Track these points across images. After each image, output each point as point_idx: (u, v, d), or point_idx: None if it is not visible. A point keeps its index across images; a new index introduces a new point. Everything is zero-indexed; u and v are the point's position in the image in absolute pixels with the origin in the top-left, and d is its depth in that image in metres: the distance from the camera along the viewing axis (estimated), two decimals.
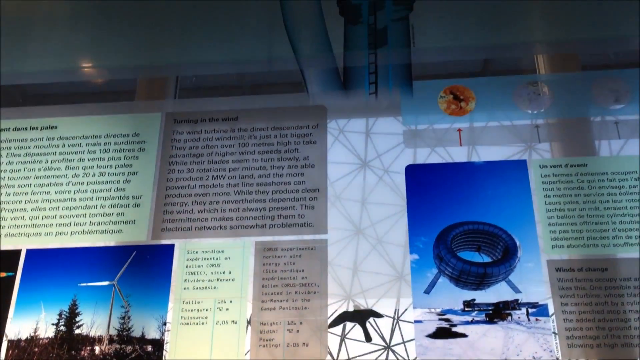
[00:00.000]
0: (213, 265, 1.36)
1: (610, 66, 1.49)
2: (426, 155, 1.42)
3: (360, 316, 1.28)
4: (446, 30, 1.52)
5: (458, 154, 1.41)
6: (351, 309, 1.29)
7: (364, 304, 1.29)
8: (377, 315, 1.27)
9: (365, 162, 1.45)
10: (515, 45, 1.52)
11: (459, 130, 1.43)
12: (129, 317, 1.33)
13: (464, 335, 1.25)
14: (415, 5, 1.51)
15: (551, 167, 1.37)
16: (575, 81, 1.45)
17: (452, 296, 1.28)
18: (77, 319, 1.34)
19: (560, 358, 1.20)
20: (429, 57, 1.51)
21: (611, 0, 1.50)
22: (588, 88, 1.43)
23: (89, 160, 1.48)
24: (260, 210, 1.40)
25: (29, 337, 1.33)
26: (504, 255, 1.30)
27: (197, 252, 1.37)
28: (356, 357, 1.25)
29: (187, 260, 1.37)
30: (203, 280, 1.34)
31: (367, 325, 1.27)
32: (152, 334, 1.31)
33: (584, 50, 1.50)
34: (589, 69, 1.50)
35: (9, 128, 1.54)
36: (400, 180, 1.40)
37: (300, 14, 1.48)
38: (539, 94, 1.44)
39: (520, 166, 1.38)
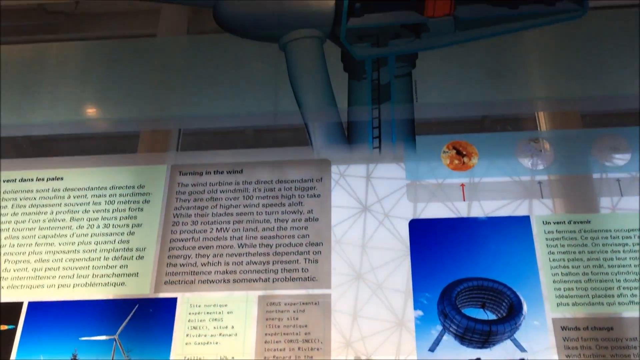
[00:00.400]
0: (215, 319, 1.35)
1: (611, 120, 1.52)
2: (429, 209, 1.43)
3: None
4: (448, 86, 1.55)
5: (461, 209, 1.42)
6: (351, 356, 1.28)
7: (363, 350, 1.28)
8: None
9: (366, 207, 1.45)
10: (517, 102, 1.54)
11: (462, 185, 1.44)
12: None
13: None
14: (418, 62, 1.54)
15: (554, 223, 1.37)
16: (576, 138, 1.47)
17: (457, 354, 1.27)
18: None
19: None
20: (431, 112, 1.53)
21: (612, 59, 1.53)
22: (589, 145, 1.45)
23: (94, 212, 1.49)
24: (264, 264, 1.40)
25: None
26: (509, 313, 1.29)
27: (199, 306, 1.36)
28: None
29: (190, 314, 1.36)
30: (205, 335, 1.33)
31: None
32: None
33: (585, 107, 1.53)
34: (589, 123, 1.52)
35: (15, 179, 1.55)
36: (401, 225, 1.40)
37: (305, 69, 1.51)
38: (540, 150, 1.46)
39: (523, 222, 1.39)
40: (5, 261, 1.44)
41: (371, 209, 1.45)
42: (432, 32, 1.49)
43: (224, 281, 1.39)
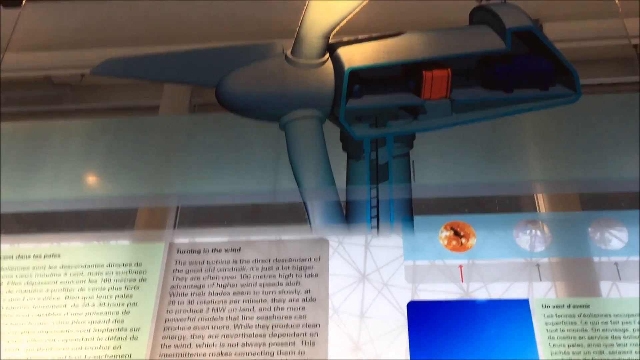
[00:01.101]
0: None
1: (610, 203, 1.53)
2: (428, 290, 1.42)
3: None
4: (446, 167, 1.57)
5: (460, 291, 1.41)
6: None
7: None
8: None
9: (364, 275, 1.45)
10: (514, 184, 1.56)
11: (460, 266, 1.44)
12: None
13: None
14: (415, 143, 1.57)
15: (554, 307, 1.36)
16: (574, 221, 1.48)
17: None
18: None
19: None
20: (429, 193, 1.55)
21: (611, 142, 1.56)
22: (587, 228, 1.45)
23: (89, 290, 1.48)
24: (260, 346, 1.38)
25: None
26: None
27: None
28: None
29: None
30: None
31: None
32: None
33: (584, 190, 1.55)
34: (589, 205, 1.53)
35: (12, 256, 1.55)
36: (400, 294, 1.39)
37: (305, 149, 1.53)
38: (538, 232, 1.47)
39: (522, 305, 1.37)
40: None
41: (370, 277, 1.44)
42: (429, 114, 1.53)
43: None
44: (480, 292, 1.41)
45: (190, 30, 2.33)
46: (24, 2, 1.98)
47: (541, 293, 1.39)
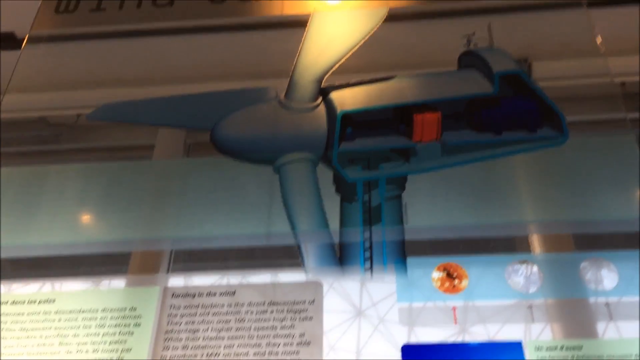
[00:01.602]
0: None
1: (603, 243, 1.55)
2: (422, 332, 1.42)
3: None
4: (438, 209, 1.59)
5: (453, 333, 1.42)
6: None
7: None
8: None
9: (360, 311, 1.45)
10: (506, 225, 1.58)
11: (454, 308, 1.45)
12: None
13: None
14: (408, 185, 1.59)
15: (547, 349, 1.37)
16: (566, 261, 1.49)
17: None
18: None
19: None
20: (421, 234, 1.56)
21: (607, 184, 1.59)
22: (578, 268, 1.47)
23: (83, 336, 1.47)
24: None
25: None
26: None
27: None
28: None
29: None
30: None
31: None
32: None
33: (577, 231, 1.57)
34: (582, 246, 1.55)
35: (7, 302, 1.55)
36: (396, 330, 1.39)
37: (298, 191, 1.55)
38: (530, 273, 1.48)
39: (516, 348, 1.38)
40: None
41: (365, 313, 1.45)
42: (420, 157, 1.55)
43: None
44: (474, 333, 1.41)
45: (187, 70, 2.36)
46: (23, 44, 2.02)
47: (534, 335, 1.40)
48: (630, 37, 2.36)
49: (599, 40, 1.89)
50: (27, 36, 1.99)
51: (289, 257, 1.55)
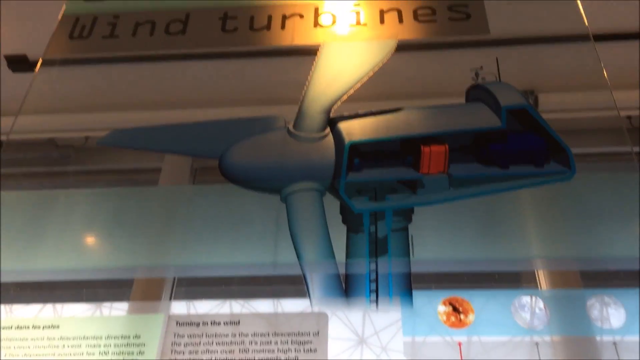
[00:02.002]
0: None
1: (612, 280, 1.54)
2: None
3: None
4: (444, 242, 1.59)
5: None
6: None
7: None
8: None
9: (363, 339, 1.44)
10: (513, 259, 1.58)
11: (459, 343, 1.44)
12: None
13: None
14: (414, 217, 1.59)
15: None
16: (573, 298, 1.49)
17: None
18: None
19: None
20: (428, 267, 1.56)
21: (611, 222, 1.59)
22: (585, 305, 1.46)
23: None
24: None
25: None
26: None
27: None
28: None
29: None
30: None
31: None
32: None
33: (584, 267, 1.56)
34: (589, 283, 1.54)
35: (11, 326, 1.54)
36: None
37: (305, 221, 1.55)
38: (537, 309, 1.47)
39: None
40: None
41: (368, 341, 1.44)
42: (427, 189, 1.56)
43: None
44: None
45: (195, 95, 2.39)
46: (37, 68, 2.04)
47: None
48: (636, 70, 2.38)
49: (604, 73, 1.90)
50: (40, 60, 2.02)
51: (293, 283, 1.54)
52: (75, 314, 1.56)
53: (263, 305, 1.54)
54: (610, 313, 1.44)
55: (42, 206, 1.78)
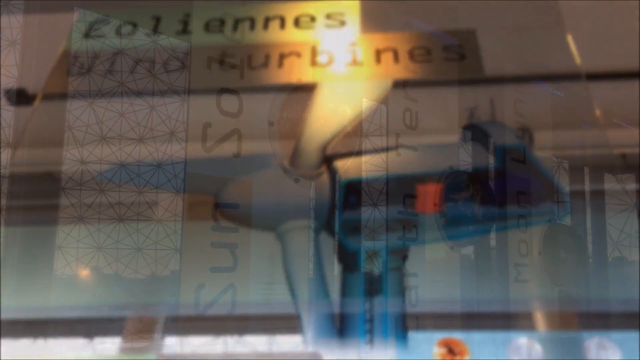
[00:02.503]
0: None
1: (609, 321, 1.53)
2: None
3: None
4: (440, 282, 1.58)
5: None
6: None
7: None
8: None
9: None
10: (509, 300, 1.57)
11: None
12: None
13: None
14: (410, 256, 1.58)
15: None
16: (568, 340, 1.47)
17: None
18: None
19: None
20: (423, 307, 1.55)
21: (608, 262, 1.58)
22: (581, 348, 1.44)
23: None
24: None
25: None
26: None
27: None
28: None
29: None
30: None
31: None
32: None
33: (581, 308, 1.55)
34: (586, 324, 1.53)
35: None
36: None
37: (300, 259, 1.54)
38: (532, 352, 1.46)
39: None
40: None
41: None
42: (423, 228, 1.55)
43: None
44: None
45: (194, 130, 2.39)
46: (37, 101, 2.04)
47: None
48: (631, 109, 2.40)
49: (597, 112, 1.92)
50: (39, 94, 2.02)
51: (289, 325, 1.53)
52: (65, 349, 1.53)
53: (257, 344, 1.52)
54: (604, 355, 1.42)
55: (34, 242, 1.76)
